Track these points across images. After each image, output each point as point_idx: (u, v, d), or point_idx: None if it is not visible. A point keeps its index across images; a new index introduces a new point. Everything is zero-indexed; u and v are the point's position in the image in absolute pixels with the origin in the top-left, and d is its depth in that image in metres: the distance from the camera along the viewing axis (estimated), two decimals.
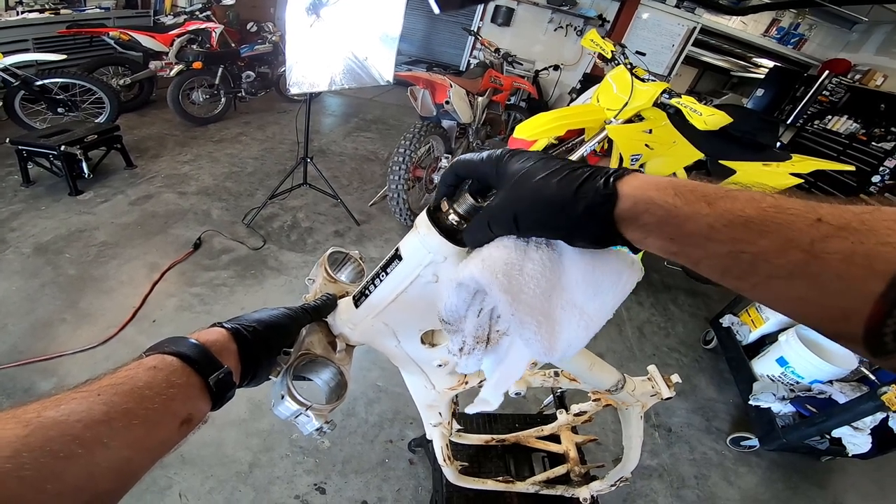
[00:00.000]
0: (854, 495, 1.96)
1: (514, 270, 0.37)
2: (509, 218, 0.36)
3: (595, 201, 0.31)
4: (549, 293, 0.38)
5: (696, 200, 0.28)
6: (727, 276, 0.28)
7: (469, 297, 0.39)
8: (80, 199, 2.80)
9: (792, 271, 0.24)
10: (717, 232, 0.27)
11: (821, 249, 0.23)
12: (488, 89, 3.40)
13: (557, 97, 6.94)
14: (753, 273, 0.26)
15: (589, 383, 0.86)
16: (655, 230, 0.30)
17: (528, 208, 0.35)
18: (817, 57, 6.57)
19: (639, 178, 0.32)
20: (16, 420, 0.28)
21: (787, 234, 0.24)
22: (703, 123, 2.17)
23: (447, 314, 0.40)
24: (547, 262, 0.38)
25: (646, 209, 0.30)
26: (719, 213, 0.27)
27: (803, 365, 1.98)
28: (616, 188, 0.31)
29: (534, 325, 0.36)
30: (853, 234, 0.22)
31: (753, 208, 0.26)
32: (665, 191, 0.29)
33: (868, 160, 4.95)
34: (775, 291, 0.25)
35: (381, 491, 1.56)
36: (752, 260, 0.25)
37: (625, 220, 0.31)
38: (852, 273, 0.22)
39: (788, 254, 0.24)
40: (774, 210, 0.25)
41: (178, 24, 4.44)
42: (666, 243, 0.30)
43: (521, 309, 0.36)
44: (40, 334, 1.85)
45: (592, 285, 0.39)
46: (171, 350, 0.39)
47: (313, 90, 2.48)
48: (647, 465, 1.84)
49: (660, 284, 3.13)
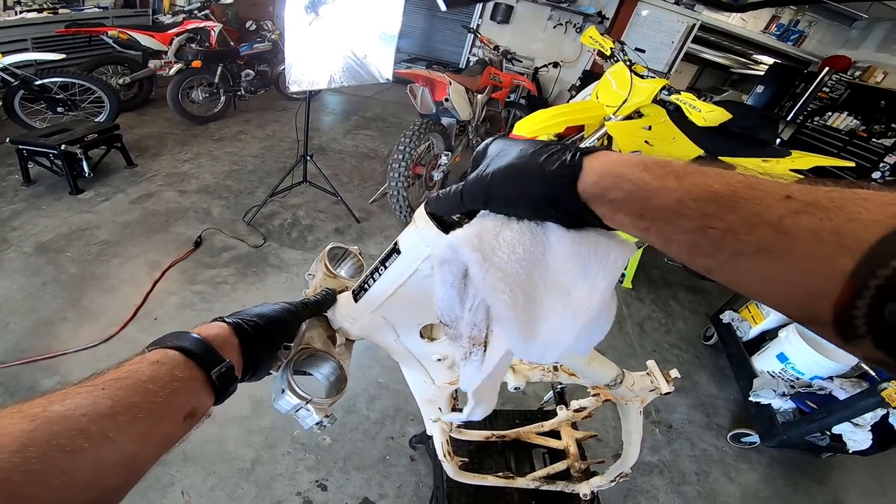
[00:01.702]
0: (854, 492, 1.97)
1: (489, 235, 0.36)
2: (482, 189, 0.37)
3: (559, 173, 0.32)
4: (531, 269, 0.35)
5: (664, 175, 0.28)
6: (696, 253, 0.27)
7: (455, 280, 0.38)
8: (80, 198, 2.80)
9: (759, 248, 0.23)
10: (685, 206, 0.26)
11: (789, 226, 0.22)
12: (488, 86, 3.40)
13: (557, 94, 6.92)
14: (721, 250, 0.25)
15: (588, 378, 0.87)
16: (624, 206, 0.30)
17: (498, 181, 0.35)
18: (817, 54, 6.55)
19: (608, 155, 0.32)
20: (21, 415, 0.28)
21: (754, 210, 0.24)
22: (702, 120, 2.17)
23: (442, 310, 0.40)
24: (527, 234, 0.36)
25: (613, 183, 0.30)
26: (688, 188, 0.27)
27: (803, 361, 1.98)
28: (582, 162, 0.31)
29: (507, 295, 0.34)
30: (822, 210, 0.22)
31: (722, 183, 0.26)
32: (634, 166, 0.29)
33: (868, 157, 4.94)
34: (743, 271, 0.25)
35: (383, 487, 1.57)
36: (720, 236, 0.25)
37: (592, 196, 0.31)
38: (821, 251, 0.21)
39: (756, 230, 0.23)
40: (744, 186, 0.25)
41: (176, 23, 4.43)
42: (635, 219, 0.29)
43: (491, 272, 0.34)
44: (42, 333, 1.86)
45: (580, 265, 0.36)
46: (173, 344, 0.39)
47: (313, 88, 2.49)
48: (647, 461, 1.85)
49: (660, 281, 3.13)
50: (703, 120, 2.16)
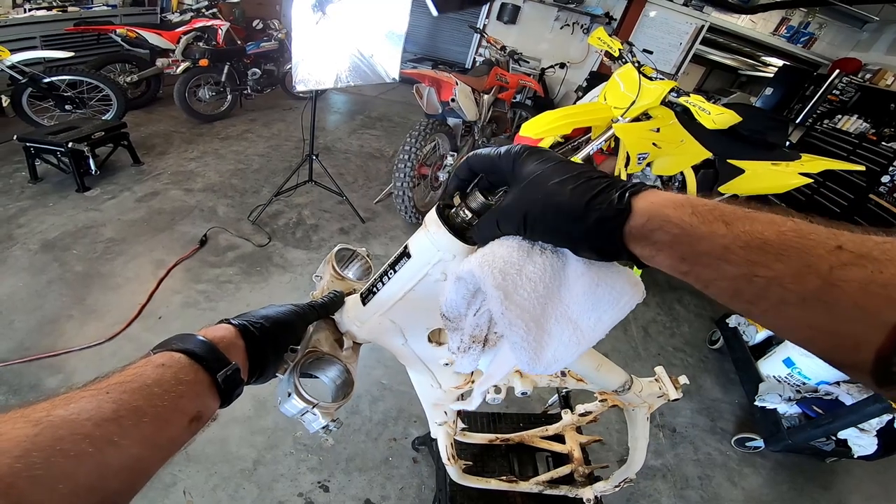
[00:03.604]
0: (859, 497, 1.95)
1: (513, 269, 0.36)
2: (519, 218, 0.35)
3: (607, 215, 0.31)
4: (545, 302, 0.37)
5: (713, 220, 0.27)
6: (737, 299, 0.27)
7: (468, 294, 0.39)
8: (87, 195, 2.81)
9: (806, 297, 0.23)
10: (732, 253, 0.26)
11: (838, 277, 0.22)
12: (494, 87, 3.39)
13: (563, 95, 6.90)
14: (765, 298, 0.25)
15: (596, 384, 0.86)
16: (667, 248, 0.29)
17: (538, 212, 0.34)
18: (827, 56, 6.49)
19: (656, 195, 0.31)
20: (25, 419, 0.28)
21: (805, 260, 0.24)
22: (711, 122, 2.15)
23: (446, 309, 0.40)
24: (548, 269, 0.37)
25: (660, 226, 0.29)
26: (736, 235, 0.26)
27: (810, 366, 1.96)
28: (631, 203, 0.31)
29: (522, 330, 0.35)
30: (873, 262, 0.22)
31: (772, 231, 0.25)
32: (682, 208, 0.29)
33: (878, 160, 4.89)
34: (786, 318, 0.25)
35: (385, 489, 1.56)
36: (766, 284, 0.25)
37: (636, 237, 0.31)
38: (868, 302, 0.21)
39: (805, 280, 0.23)
40: (794, 234, 0.25)
41: (184, 22, 4.46)
42: (676, 262, 0.29)
43: (511, 309, 0.35)
44: (47, 330, 1.86)
45: (591, 301, 0.38)
46: (179, 347, 0.39)
47: (319, 87, 2.49)
48: (651, 465, 1.83)
49: (665, 284, 3.11)
50: (713, 122, 2.15)
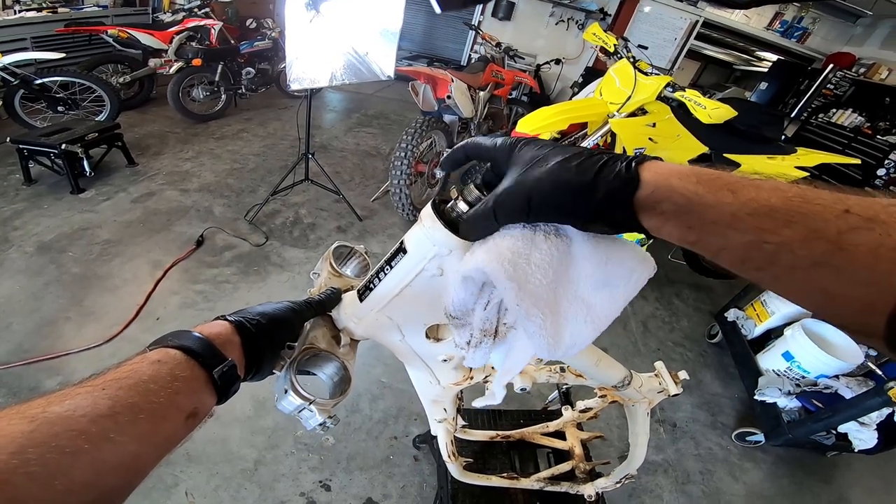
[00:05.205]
0: (859, 491, 1.96)
1: (521, 259, 0.35)
2: (522, 201, 0.34)
3: (615, 186, 0.31)
4: (556, 285, 0.36)
5: (719, 189, 0.28)
6: (747, 266, 0.27)
7: (476, 290, 0.38)
8: (82, 197, 2.80)
9: (816, 262, 0.23)
10: (739, 221, 0.26)
11: (847, 241, 0.22)
12: (490, 84, 3.38)
13: (559, 91, 6.90)
14: (775, 263, 0.25)
15: (595, 379, 0.85)
16: (674, 218, 0.29)
17: (545, 191, 0.33)
18: (821, 50, 6.52)
19: (660, 165, 0.31)
20: (20, 416, 0.28)
21: (812, 225, 0.24)
22: (707, 117, 2.16)
23: (455, 309, 0.40)
24: (555, 252, 0.36)
25: (667, 196, 0.29)
26: (743, 202, 0.26)
27: (809, 359, 1.97)
28: (638, 173, 0.30)
29: (539, 318, 0.35)
30: (881, 225, 0.22)
31: (779, 198, 0.25)
32: (687, 178, 0.29)
33: (873, 153, 4.92)
34: (797, 283, 0.25)
35: (386, 488, 1.56)
36: (775, 250, 0.25)
37: (643, 207, 0.30)
38: (878, 265, 0.21)
39: (813, 244, 0.23)
40: (800, 200, 0.25)
41: (176, 22, 4.42)
42: (684, 232, 0.29)
43: (526, 299, 0.34)
44: (45, 333, 1.85)
45: (602, 279, 0.37)
46: (174, 343, 0.38)
47: (314, 86, 2.47)
48: (652, 460, 1.84)
49: (664, 279, 3.12)
50: (709, 117, 2.15)
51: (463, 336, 0.42)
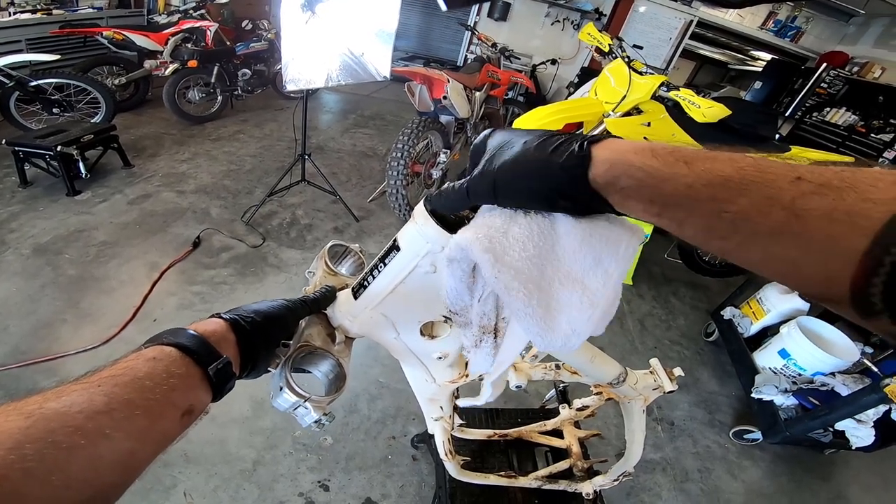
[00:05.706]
0: (857, 488, 1.97)
1: (497, 233, 0.36)
2: (488, 185, 0.36)
3: (568, 163, 0.32)
4: (542, 263, 0.36)
5: (674, 162, 0.28)
6: (712, 236, 0.27)
7: (465, 276, 0.38)
8: (77, 199, 2.79)
9: (773, 230, 0.24)
10: (696, 192, 0.27)
11: (801, 207, 0.23)
12: (486, 84, 3.39)
13: (555, 91, 6.91)
14: (735, 232, 0.25)
15: (590, 376, 0.86)
16: (634, 193, 0.30)
17: (505, 174, 0.35)
18: (815, 49, 6.55)
19: (616, 143, 0.32)
20: (17, 412, 0.28)
21: (766, 192, 0.24)
22: (701, 116, 2.17)
23: (450, 301, 0.40)
24: (535, 229, 0.36)
25: (623, 171, 0.30)
26: (698, 174, 0.27)
27: (805, 357, 1.97)
28: (590, 151, 0.31)
29: (522, 293, 0.34)
30: (833, 190, 0.22)
31: (732, 168, 0.26)
32: (643, 153, 0.29)
33: (867, 151, 4.95)
34: (760, 251, 0.25)
35: (385, 487, 1.56)
36: (734, 219, 0.25)
37: (603, 185, 0.31)
38: (835, 231, 0.21)
39: (770, 213, 0.24)
40: (753, 169, 0.25)
41: (172, 23, 4.41)
42: (646, 205, 0.30)
43: (504, 271, 0.34)
44: (42, 335, 1.85)
45: (591, 255, 0.37)
46: (169, 341, 0.39)
47: (310, 87, 2.47)
48: (650, 458, 1.84)
49: (661, 277, 3.13)
50: (703, 116, 2.16)
51: (468, 338, 0.42)
